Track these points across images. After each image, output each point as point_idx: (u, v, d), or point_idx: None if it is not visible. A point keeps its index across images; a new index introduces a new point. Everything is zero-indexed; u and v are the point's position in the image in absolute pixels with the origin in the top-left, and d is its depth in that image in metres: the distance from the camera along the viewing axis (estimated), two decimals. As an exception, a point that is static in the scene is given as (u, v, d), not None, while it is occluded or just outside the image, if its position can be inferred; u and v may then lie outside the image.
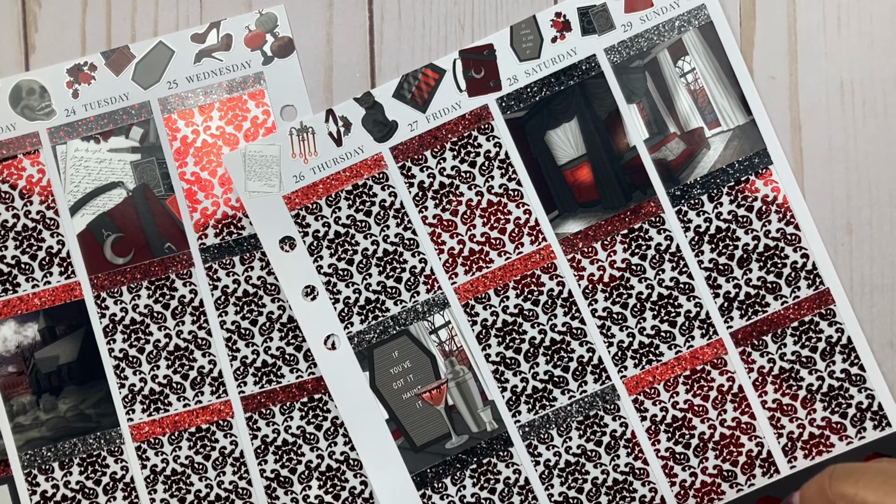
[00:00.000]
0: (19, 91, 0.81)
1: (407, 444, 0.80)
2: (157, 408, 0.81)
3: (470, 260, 0.79)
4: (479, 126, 0.79)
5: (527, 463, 0.80)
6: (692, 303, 0.79)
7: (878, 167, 0.80)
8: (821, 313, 0.79)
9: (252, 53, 0.81)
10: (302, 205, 0.79)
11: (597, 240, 0.79)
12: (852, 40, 0.80)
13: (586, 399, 0.79)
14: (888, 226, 0.80)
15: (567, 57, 0.79)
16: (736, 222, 0.79)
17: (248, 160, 0.79)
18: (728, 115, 0.79)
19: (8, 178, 0.81)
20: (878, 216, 0.80)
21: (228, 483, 0.81)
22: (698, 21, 0.79)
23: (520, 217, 0.79)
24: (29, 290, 0.81)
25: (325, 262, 0.79)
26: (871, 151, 0.80)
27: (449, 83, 0.79)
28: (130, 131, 0.81)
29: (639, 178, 0.79)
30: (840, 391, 0.79)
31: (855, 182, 0.80)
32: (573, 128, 0.79)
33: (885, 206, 0.80)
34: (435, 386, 0.80)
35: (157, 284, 0.81)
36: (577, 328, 0.79)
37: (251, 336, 0.81)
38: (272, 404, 0.81)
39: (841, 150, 0.80)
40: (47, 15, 0.83)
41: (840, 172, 0.80)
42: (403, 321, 0.80)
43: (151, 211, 0.81)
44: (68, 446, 0.81)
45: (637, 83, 0.79)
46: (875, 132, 0.80)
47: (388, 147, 0.79)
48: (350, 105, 0.79)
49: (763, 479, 0.80)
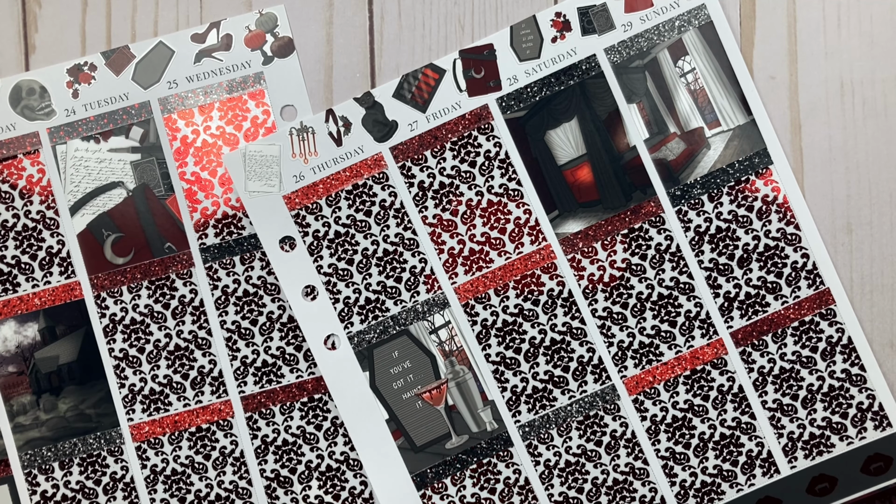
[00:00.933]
0: (19, 91, 0.81)
1: (407, 444, 0.80)
2: (158, 408, 0.81)
3: (470, 260, 0.79)
4: (479, 126, 0.79)
5: (527, 463, 0.80)
6: (692, 303, 0.79)
7: (878, 167, 0.80)
8: (821, 313, 0.79)
9: (252, 53, 0.81)
10: (302, 205, 0.79)
11: (597, 240, 0.79)
12: (852, 40, 0.80)
13: (586, 399, 0.79)
14: (888, 226, 0.80)
15: (567, 57, 0.79)
16: (736, 222, 0.79)
17: (248, 160, 0.79)
18: (728, 115, 0.79)
19: (8, 177, 0.81)
20: (878, 216, 0.80)
21: (228, 483, 0.81)
22: (698, 21, 0.79)
23: (520, 217, 0.79)
24: (29, 289, 0.81)
25: (325, 261, 0.79)
26: (871, 151, 0.80)
27: (449, 83, 0.79)
28: (130, 131, 0.81)
29: (639, 178, 0.79)
30: (840, 391, 0.79)
31: (855, 182, 0.80)
32: (573, 128, 0.79)
33: (885, 206, 0.80)
34: (435, 386, 0.80)
35: (157, 284, 0.81)
36: (578, 328, 0.79)
37: (251, 336, 0.81)
38: (272, 404, 0.81)
39: (841, 150, 0.80)
40: (47, 15, 0.83)
41: (840, 172, 0.80)
42: (403, 321, 0.80)
43: (151, 211, 0.81)
44: (68, 446, 0.81)
45: (637, 83, 0.79)
46: (875, 132, 0.80)
47: (388, 147, 0.79)
48: (350, 105, 0.79)
49: (763, 480, 0.80)
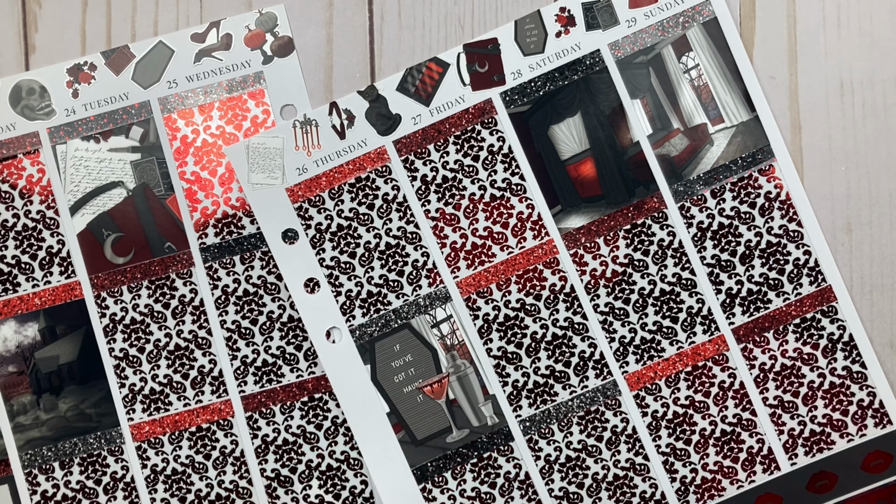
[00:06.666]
0: (19, 91, 0.81)
1: (408, 437, 0.80)
2: (158, 407, 0.81)
3: (472, 254, 0.79)
4: (482, 120, 0.79)
5: (527, 457, 0.80)
6: (694, 299, 0.79)
7: (878, 167, 0.80)
8: (822, 310, 0.79)
9: (252, 53, 0.81)
10: (305, 197, 0.79)
11: (599, 235, 0.79)
12: (852, 40, 0.80)
13: (587, 394, 0.79)
14: (888, 226, 0.80)
15: (571, 52, 0.79)
16: (738, 218, 0.79)
17: (251, 152, 0.79)
18: (731, 112, 0.79)
19: (8, 177, 0.81)
20: (878, 216, 0.80)
21: (229, 482, 0.81)
22: (702, 17, 0.79)
23: (522, 211, 0.79)
24: (29, 289, 0.81)
25: (328, 254, 0.79)
26: (871, 151, 0.80)
27: (453, 77, 0.79)
28: (130, 131, 0.81)
29: (642, 174, 0.79)
30: (841, 388, 0.79)
31: (855, 182, 0.80)
32: (577, 123, 0.79)
33: (885, 206, 0.80)
34: (436, 380, 0.80)
35: (157, 284, 0.81)
36: (579, 323, 0.79)
37: (251, 335, 0.81)
38: (272, 404, 0.81)
39: (841, 150, 0.80)
40: (47, 15, 0.83)
41: (840, 172, 0.80)
42: (405, 315, 0.80)
43: (151, 210, 0.81)
44: (69, 446, 0.81)
45: (641, 79, 0.79)
46: (875, 132, 0.80)
47: (391, 140, 0.79)
48: (354, 98, 0.80)
49: (764, 476, 0.80)
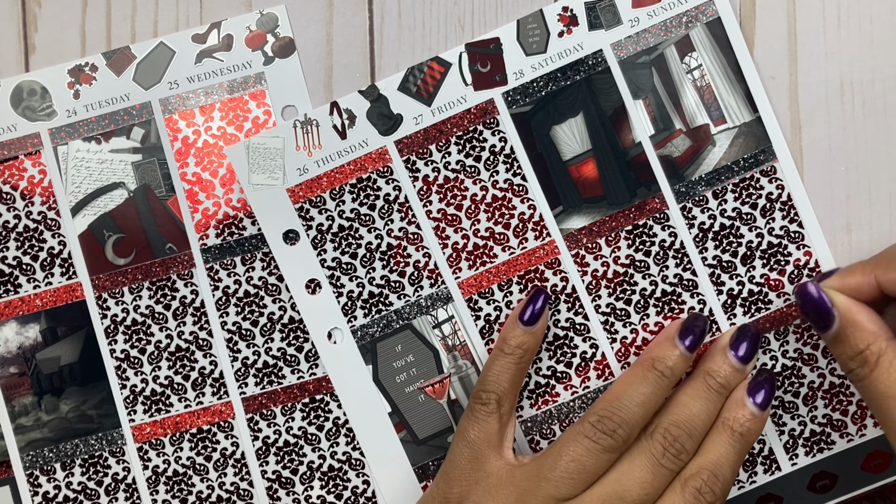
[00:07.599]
0: (20, 92, 0.81)
1: (409, 437, 0.80)
2: (159, 409, 0.81)
3: (474, 255, 0.79)
4: (484, 120, 0.79)
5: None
6: (696, 299, 0.79)
7: (878, 167, 0.80)
8: (823, 310, 0.79)
9: (253, 54, 0.81)
10: (306, 198, 0.79)
11: (601, 236, 0.79)
12: (852, 40, 0.80)
13: (589, 395, 0.79)
14: (888, 226, 0.80)
15: (574, 52, 0.79)
16: (740, 219, 0.79)
17: (251, 152, 0.79)
18: (734, 112, 0.79)
19: (9, 178, 0.81)
20: (878, 216, 0.80)
21: (230, 484, 0.81)
22: (706, 17, 0.79)
23: (524, 212, 0.79)
24: (30, 290, 0.81)
25: (329, 255, 0.79)
26: (871, 151, 0.80)
27: (455, 77, 0.79)
28: (131, 132, 0.81)
29: (644, 175, 0.79)
30: (841, 388, 0.79)
31: (855, 182, 0.80)
32: (579, 123, 0.79)
33: (885, 206, 0.80)
34: (438, 380, 0.80)
35: (158, 285, 0.81)
36: (580, 324, 0.79)
37: (252, 337, 0.81)
38: (273, 405, 0.81)
39: (841, 150, 0.80)
40: (47, 15, 0.83)
41: (840, 172, 0.80)
42: (407, 315, 0.80)
43: (152, 211, 0.81)
44: (70, 447, 0.81)
45: (643, 79, 0.79)
46: (875, 132, 0.80)
47: (392, 140, 0.79)
48: (355, 98, 0.80)
49: (764, 477, 0.80)
